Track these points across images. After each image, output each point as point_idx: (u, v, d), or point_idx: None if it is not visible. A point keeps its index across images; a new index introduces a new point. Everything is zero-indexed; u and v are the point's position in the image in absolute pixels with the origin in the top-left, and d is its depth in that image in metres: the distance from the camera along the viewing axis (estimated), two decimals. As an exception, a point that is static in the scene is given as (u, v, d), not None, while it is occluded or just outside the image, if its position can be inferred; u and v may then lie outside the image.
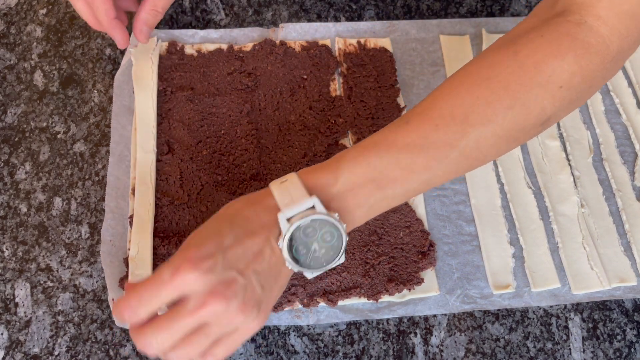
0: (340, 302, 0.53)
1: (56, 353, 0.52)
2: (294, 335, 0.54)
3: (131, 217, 0.55)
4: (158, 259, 0.53)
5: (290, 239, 0.41)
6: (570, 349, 0.54)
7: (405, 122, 0.44)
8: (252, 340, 0.53)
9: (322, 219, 0.41)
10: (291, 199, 0.42)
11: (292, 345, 0.53)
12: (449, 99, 0.44)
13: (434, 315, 0.55)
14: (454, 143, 0.42)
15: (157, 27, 0.66)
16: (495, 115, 0.42)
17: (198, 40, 0.64)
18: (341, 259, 0.44)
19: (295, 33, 0.65)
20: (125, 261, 0.53)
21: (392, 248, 0.55)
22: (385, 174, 0.43)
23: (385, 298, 0.54)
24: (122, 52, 0.64)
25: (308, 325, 0.54)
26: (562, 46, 0.42)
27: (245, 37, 0.65)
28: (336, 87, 0.63)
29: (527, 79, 0.42)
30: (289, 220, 0.41)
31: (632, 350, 0.55)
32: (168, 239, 0.54)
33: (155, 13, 0.55)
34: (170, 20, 0.67)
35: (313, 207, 0.41)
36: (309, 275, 0.44)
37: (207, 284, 0.39)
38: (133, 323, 0.41)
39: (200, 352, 0.41)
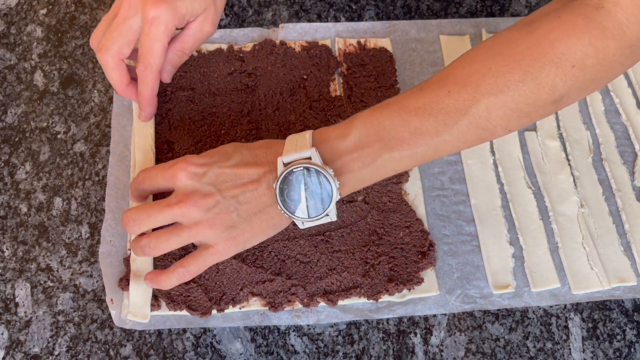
0: (340, 302, 0.54)
1: (56, 353, 0.52)
2: (294, 335, 0.54)
3: (131, 217, 0.55)
4: (158, 260, 0.53)
5: (283, 183, 0.44)
6: (570, 349, 0.54)
7: (419, 89, 0.46)
8: (252, 340, 0.53)
9: (315, 169, 0.44)
10: (294, 147, 0.45)
11: (292, 345, 0.53)
12: (462, 68, 0.45)
13: (434, 315, 0.55)
14: (464, 109, 0.44)
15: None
16: (506, 86, 0.43)
17: (198, 41, 0.64)
18: (332, 216, 0.46)
19: (295, 33, 0.65)
20: (125, 261, 0.53)
21: (392, 248, 0.55)
22: (393, 135, 0.45)
23: (385, 298, 0.54)
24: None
25: (308, 325, 0.54)
26: (577, 27, 0.43)
27: (246, 37, 0.65)
28: (336, 87, 0.63)
29: (540, 55, 0.43)
30: (286, 165, 0.44)
31: (632, 350, 0.55)
32: (168, 239, 0.54)
33: (182, 54, 0.54)
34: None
35: (310, 157, 0.44)
36: (300, 224, 0.47)
37: (189, 187, 0.46)
38: (140, 192, 0.50)
39: (168, 249, 0.47)
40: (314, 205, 0.45)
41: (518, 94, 0.43)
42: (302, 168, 0.44)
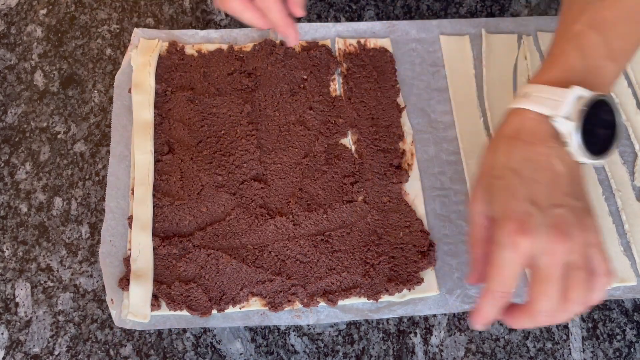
0: (340, 302, 0.54)
1: (56, 353, 0.52)
2: (294, 335, 0.54)
3: (130, 217, 0.55)
4: (158, 259, 0.54)
5: (579, 133, 0.42)
6: (570, 349, 0.54)
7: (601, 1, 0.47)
8: (252, 340, 0.53)
9: (598, 100, 0.42)
10: (555, 101, 0.43)
11: (292, 345, 0.53)
12: None
13: (434, 315, 0.55)
14: None
15: (157, 28, 0.66)
16: None
17: (198, 41, 0.65)
18: (622, 135, 0.46)
19: (296, 33, 0.65)
20: (125, 261, 0.53)
21: (392, 248, 0.55)
22: (614, 47, 0.45)
23: (385, 298, 0.54)
24: (122, 53, 0.65)
25: (308, 325, 0.54)
26: None
27: (246, 38, 0.65)
28: (336, 87, 0.63)
29: None
30: (567, 118, 0.42)
31: (632, 350, 0.55)
32: (168, 239, 0.54)
33: None
34: (170, 21, 0.67)
35: (578, 97, 0.42)
36: (600, 161, 0.45)
37: (543, 237, 0.40)
38: (498, 306, 0.42)
39: (587, 293, 0.41)
40: (605, 135, 0.44)
41: None
42: (585, 107, 0.42)
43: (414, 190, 0.59)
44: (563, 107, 0.42)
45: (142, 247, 0.53)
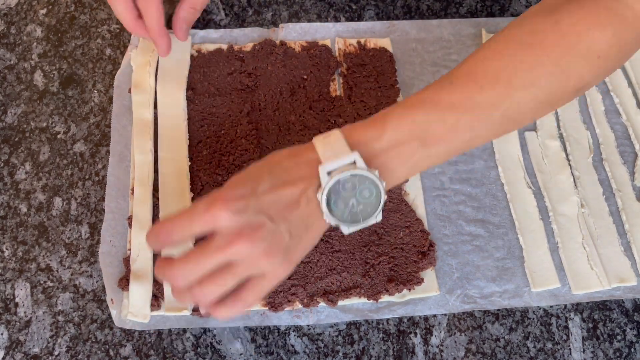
0: (340, 302, 0.54)
1: (56, 353, 0.52)
2: (294, 335, 0.54)
3: (130, 217, 0.55)
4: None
5: (329, 193, 0.42)
6: (570, 349, 0.54)
7: (450, 83, 0.45)
8: (252, 340, 0.53)
9: (361, 175, 0.42)
10: (333, 152, 0.42)
11: (292, 345, 0.53)
12: (493, 61, 0.45)
13: (434, 315, 0.55)
14: (497, 104, 0.44)
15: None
16: (537, 79, 0.44)
17: (198, 40, 0.64)
18: (378, 217, 0.45)
19: (295, 33, 0.65)
20: (125, 261, 0.53)
21: (392, 248, 0.55)
22: (430, 132, 0.44)
23: (385, 298, 0.54)
24: (122, 53, 0.64)
25: (308, 325, 0.54)
26: (601, 18, 0.44)
27: (246, 37, 0.65)
28: (336, 87, 0.63)
29: (569, 47, 0.44)
30: (329, 173, 0.42)
31: (632, 350, 0.55)
32: (168, 239, 0.54)
33: (194, 11, 0.58)
34: (170, 21, 0.67)
35: (354, 162, 0.42)
36: (346, 230, 0.45)
37: (236, 224, 0.41)
38: (165, 245, 0.43)
39: (225, 291, 0.42)
40: (361, 209, 0.44)
41: (548, 87, 0.44)
42: (349, 175, 0.42)
43: (414, 190, 0.59)
44: (330, 163, 0.42)
45: (142, 247, 0.53)
